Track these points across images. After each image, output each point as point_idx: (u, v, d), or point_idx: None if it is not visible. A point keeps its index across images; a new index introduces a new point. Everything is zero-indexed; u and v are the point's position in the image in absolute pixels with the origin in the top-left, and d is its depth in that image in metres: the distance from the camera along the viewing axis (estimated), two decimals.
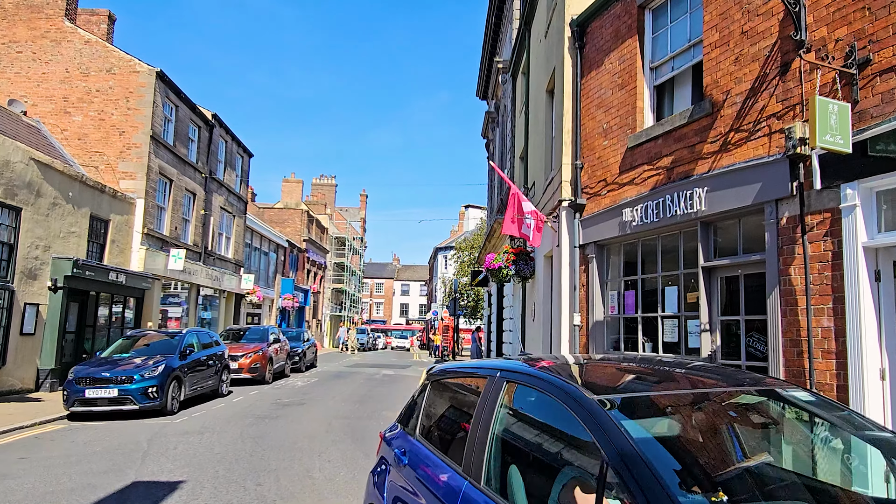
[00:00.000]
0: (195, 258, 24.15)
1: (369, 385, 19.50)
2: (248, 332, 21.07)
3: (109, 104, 20.23)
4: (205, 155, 25.09)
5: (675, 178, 7.95)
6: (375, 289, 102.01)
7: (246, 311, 33.79)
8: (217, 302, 27.46)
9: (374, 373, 25.04)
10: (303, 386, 18.68)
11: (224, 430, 10.78)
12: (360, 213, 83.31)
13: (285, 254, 40.95)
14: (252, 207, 43.90)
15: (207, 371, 14.68)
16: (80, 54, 20.53)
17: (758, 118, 6.77)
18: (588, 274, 9.77)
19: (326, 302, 54.41)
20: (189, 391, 13.54)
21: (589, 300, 9.70)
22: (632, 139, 8.85)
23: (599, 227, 9.47)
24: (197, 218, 24.34)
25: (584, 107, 10.20)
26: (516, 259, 13.23)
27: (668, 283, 8.28)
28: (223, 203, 27.13)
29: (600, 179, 9.64)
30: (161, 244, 21.07)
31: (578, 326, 9.82)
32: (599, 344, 9.47)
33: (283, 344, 21.66)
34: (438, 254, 63.37)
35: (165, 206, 21.75)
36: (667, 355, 8.21)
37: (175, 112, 22.19)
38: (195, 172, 23.99)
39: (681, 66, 8.43)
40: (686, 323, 7.89)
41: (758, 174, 6.62)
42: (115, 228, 18.55)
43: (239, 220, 29.51)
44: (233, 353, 18.26)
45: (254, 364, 18.44)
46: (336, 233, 57.90)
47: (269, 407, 13.79)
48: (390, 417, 12.65)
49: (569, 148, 10.44)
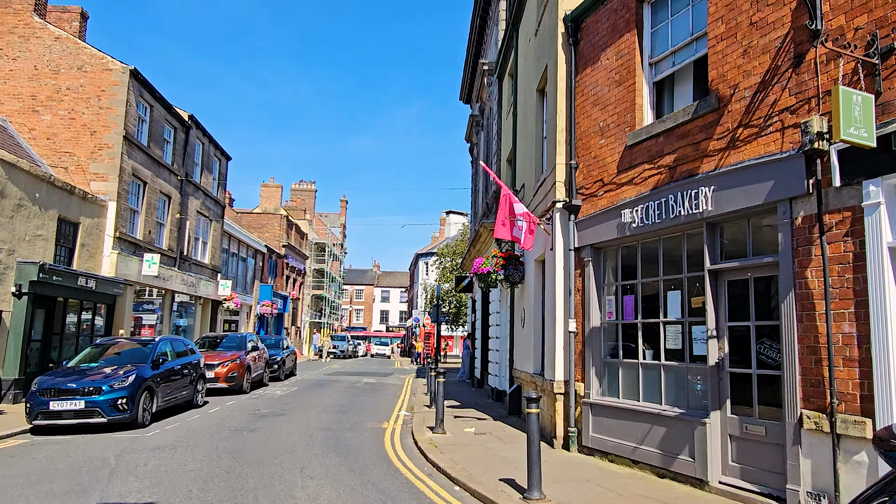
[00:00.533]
0: (170, 263, 23.36)
1: (351, 394, 18.91)
2: (225, 339, 20.37)
3: (80, 103, 19.46)
4: (181, 157, 24.34)
5: (678, 177, 7.58)
6: (355, 295, 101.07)
7: (223, 317, 32.93)
8: (193, 309, 26.65)
9: (356, 381, 24.42)
10: (282, 395, 18.03)
11: (199, 444, 10.15)
12: (340, 218, 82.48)
13: (264, 259, 40.14)
14: (230, 213, 43.02)
15: (182, 381, 14.01)
16: (49, 51, 19.75)
17: (769, 113, 6.42)
18: (584, 278, 9.36)
19: (306, 308, 53.55)
20: (162, 402, 12.86)
21: (585, 305, 9.28)
22: (631, 137, 8.48)
23: (596, 230, 9.07)
24: (172, 222, 23.57)
25: (579, 104, 9.82)
26: (505, 263, 12.81)
27: (671, 287, 7.89)
28: (200, 207, 26.37)
29: (597, 180, 9.25)
30: (134, 248, 20.30)
31: (574, 333, 9.39)
32: (596, 351, 9.05)
33: (261, 352, 20.98)
34: (420, 260, 62.84)
35: (139, 210, 20.98)
36: (670, 363, 7.82)
37: (149, 112, 21.46)
38: (170, 175, 23.24)
39: (682, 60, 8.08)
40: (690, 329, 7.50)
41: (770, 171, 6.26)
42: (84, 232, 17.78)
43: (216, 224, 28.74)
44: (209, 362, 17.56)
45: (231, 373, 17.76)
46: (316, 238, 57.11)
47: (247, 418, 13.16)
48: (373, 429, 12.11)
49: (563, 147, 10.05)
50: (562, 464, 8.40)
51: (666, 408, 7.70)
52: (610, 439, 8.50)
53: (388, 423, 12.91)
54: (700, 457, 6.96)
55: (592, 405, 8.91)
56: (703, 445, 6.92)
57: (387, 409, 15.63)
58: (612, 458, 8.45)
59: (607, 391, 8.94)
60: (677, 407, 7.59)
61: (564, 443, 9.39)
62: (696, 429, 7.03)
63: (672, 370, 7.82)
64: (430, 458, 8.96)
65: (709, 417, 6.93)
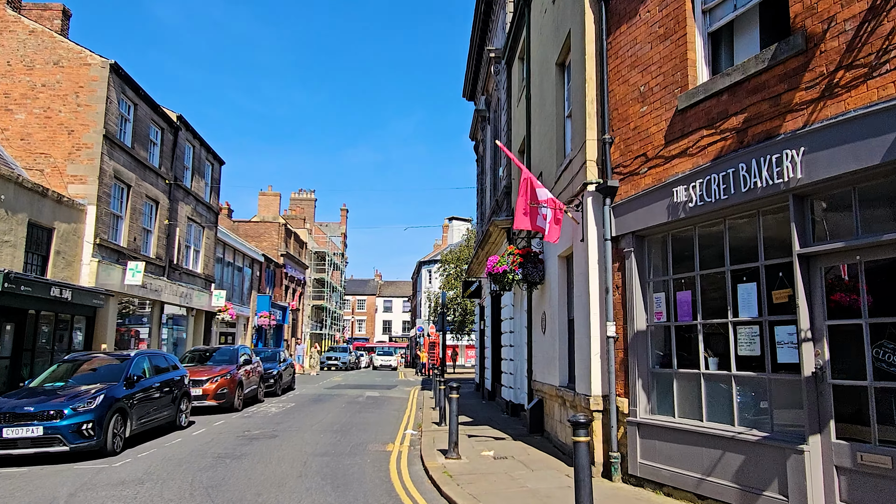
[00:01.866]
0: (158, 272, 21.90)
1: (351, 410, 17.37)
2: (216, 353, 18.84)
3: (57, 100, 18.08)
4: (169, 160, 22.93)
5: (750, 140, 6.10)
6: (357, 306, 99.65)
7: (218, 330, 31.41)
8: (185, 321, 25.14)
9: (357, 395, 22.87)
10: (276, 413, 16.50)
11: (172, 476, 8.63)
12: (340, 228, 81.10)
13: (261, 269, 38.67)
14: (226, 222, 41.63)
15: (162, 400, 12.49)
16: (23, 45, 18.39)
17: (884, 46, 4.94)
18: (624, 273, 7.86)
19: (306, 320, 52.01)
20: (137, 425, 11.35)
21: (627, 306, 7.78)
22: (683, 99, 7.00)
23: (638, 214, 7.58)
24: (160, 228, 22.12)
25: (613, 69, 8.35)
26: (523, 261, 11.31)
27: (743, 278, 6.39)
28: (191, 213, 24.93)
29: (638, 155, 7.77)
30: (117, 256, 18.84)
31: (613, 339, 7.88)
32: (642, 360, 7.54)
33: (255, 366, 19.45)
34: (422, 268, 61.32)
35: (122, 215, 19.54)
36: (744, 373, 6.29)
37: (133, 111, 20.06)
38: (158, 178, 21.81)
39: (747, 2, 6.62)
40: (773, 331, 5.99)
41: (890, 121, 4.78)
42: (60, 238, 16.32)
43: (209, 231, 27.29)
44: (196, 378, 16.04)
45: (220, 389, 16.23)
46: (316, 247, 55.68)
47: (234, 442, 11.63)
48: (377, 453, 10.57)
49: (593, 121, 8.58)
50: (606, 498, 6.87)
51: (741, 430, 6.17)
52: (665, 468, 6.96)
53: (393, 445, 11.38)
54: (797, 494, 5.43)
55: (640, 425, 7.38)
56: (801, 479, 5.39)
57: (391, 427, 14.09)
58: (670, 490, 6.91)
59: (658, 408, 7.42)
60: (758, 429, 6.06)
61: (605, 470, 7.86)
62: (790, 458, 5.50)
63: (748, 383, 6.30)
64: (446, 493, 7.43)
65: (806, 444, 5.41)
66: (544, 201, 8.93)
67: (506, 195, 16.63)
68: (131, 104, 19.93)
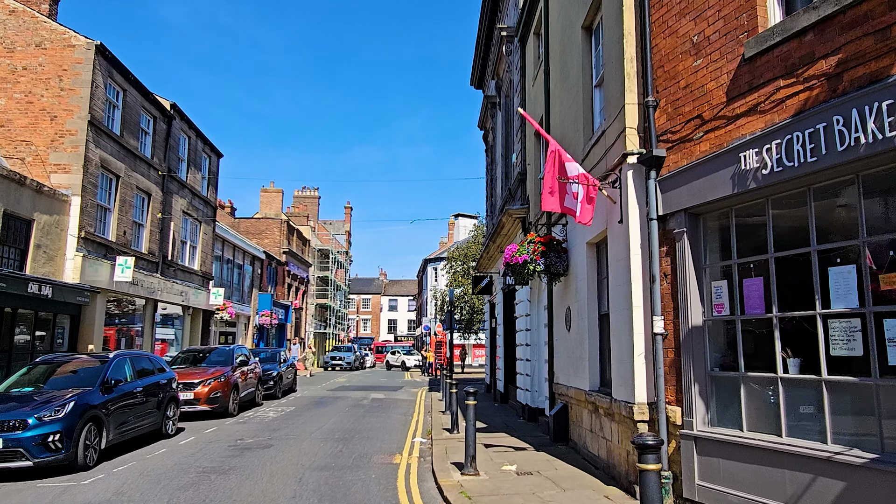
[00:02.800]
0: (151, 269, 20.75)
1: (355, 414, 16.18)
2: (211, 353, 17.66)
3: (39, 84, 16.94)
4: (162, 150, 21.78)
5: (847, 87, 4.87)
6: (362, 305, 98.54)
7: (217, 329, 30.30)
8: (181, 320, 24.00)
9: (362, 397, 21.68)
10: (275, 418, 15.32)
11: (146, 498, 7.45)
12: (344, 226, 79.93)
13: (262, 267, 37.52)
14: (227, 219, 40.54)
15: (145, 406, 11.33)
16: (3, 26, 17.26)
17: None
18: (675, 257, 6.64)
19: (310, 319, 50.86)
20: (116, 435, 10.18)
21: (678, 296, 6.55)
22: (752, 45, 5.77)
23: (693, 187, 6.36)
24: (153, 222, 20.97)
25: (657, 21, 7.12)
26: (546, 250, 10.08)
27: (836, 260, 5.16)
28: (186, 207, 23.78)
29: (691, 117, 6.54)
30: (105, 251, 17.69)
31: (662, 336, 6.65)
32: (699, 361, 6.31)
33: (252, 367, 18.28)
34: (428, 266, 60.12)
35: (111, 207, 18.39)
36: (840, 378, 5.06)
37: (122, 97, 18.91)
38: (150, 169, 20.67)
39: None
40: (879, 325, 4.76)
41: None
42: (40, 231, 15.18)
43: (206, 227, 26.14)
44: (188, 381, 14.89)
45: (213, 393, 15.05)
46: (319, 245, 54.52)
47: (223, 452, 10.45)
48: (384, 465, 9.36)
49: (633, 82, 7.35)
50: None
51: (837, 450, 4.94)
52: (732, 493, 5.73)
53: (401, 457, 10.17)
54: None
55: (698, 439, 6.15)
56: None
57: (398, 433, 12.90)
58: None
59: (719, 419, 6.19)
60: (861, 449, 4.83)
61: None
62: None
63: (845, 390, 5.07)
64: None
65: None
66: (575, 177, 7.70)
67: (520, 183, 15.40)
68: (120, 90, 18.78)
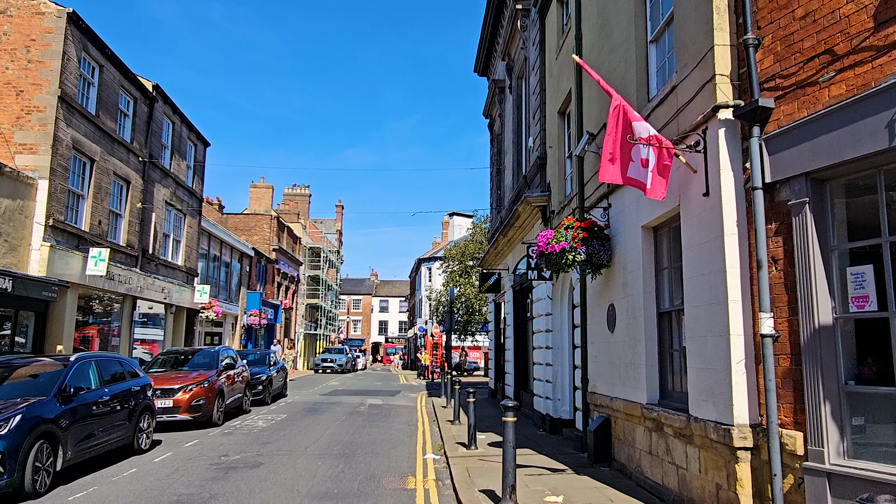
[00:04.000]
0: (130, 263, 19.04)
1: (353, 423, 14.58)
2: (195, 356, 16.00)
3: (3, 55, 15.22)
4: (143, 135, 20.07)
5: None
6: (353, 305, 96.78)
7: (203, 329, 28.56)
8: (163, 319, 22.27)
9: (357, 403, 20.08)
10: (264, 428, 13.69)
11: None
12: (335, 224, 78.19)
13: (251, 264, 35.78)
14: (215, 214, 38.74)
15: (113, 417, 9.69)
16: None
17: None
18: (790, 237, 5.13)
19: (300, 319, 49.10)
20: (75, 453, 8.55)
21: (797, 287, 5.04)
22: None
23: (819, 145, 4.85)
24: (132, 212, 19.26)
25: None
26: (588, 237, 8.55)
27: None
28: (170, 197, 22.06)
29: (815, 54, 5.04)
30: (77, 242, 15.98)
31: (772, 338, 5.14)
32: (829, 371, 4.80)
33: (240, 370, 16.64)
34: (422, 265, 58.48)
35: (84, 193, 16.68)
36: None
37: (98, 74, 17.22)
38: (129, 155, 18.96)
39: None
40: None
41: None
42: (1, 216, 13.47)
43: (191, 219, 24.42)
44: (166, 386, 13.26)
45: (195, 400, 13.41)
46: (310, 243, 52.77)
47: (205, 473, 8.83)
48: (396, 492, 7.78)
49: (723, 17, 5.85)
50: None
51: None
52: None
53: (414, 480, 8.61)
54: None
55: (832, 476, 4.64)
56: None
57: (406, 448, 11.33)
58: None
59: (860, 450, 4.68)
60: None
61: None
62: None
63: None
64: None
65: None
66: (645, 140, 6.18)
67: (539, 168, 13.89)
68: (96, 65, 17.08)
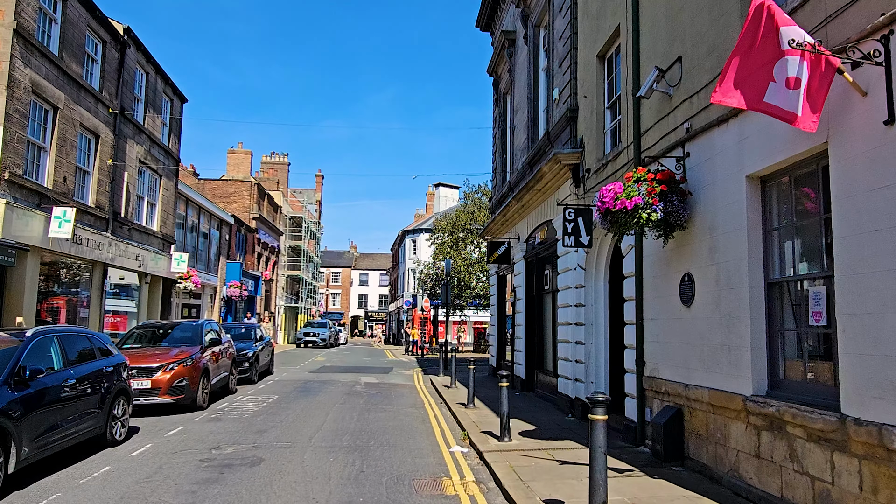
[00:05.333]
0: (100, 226, 17.13)
1: (355, 406, 13.07)
2: (175, 329, 14.28)
3: None
4: (113, 84, 17.99)
5: None
6: (332, 278, 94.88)
7: (180, 301, 26.75)
8: (136, 289, 20.40)
9: (352, 382, 18.58)
10: (256, 412, 12.12)
11: None
12: (315, 195, 75.92)
13: (231, 232, 33.79)
14: (190, 179, 36.47)
15: (81, 404, 8.04)
16: None
17: None
18: None
19: (280, 292, 47.26)
20: (34, 450, 6.90)
21: None
22: None
23: None
24: (102, 170, 17.29)
25: None
26: (667, 191, 7.04)
27: None
28: (143, 155, 20.03)
29: None
30: (38, 200, 14.05)
31: None
32: None
33: (226, 346, 14.99)
34: (406, 237, 56.75)
35: (47, 146, 14.70)
36: None
37: (61, 8, 15.10)
38: (98, 105, 16.92)
39: None
40: None
41: None
42: None
43: (167, 181, 22.42)
44: (144, 365, 11.59)
45: (178, 381, 11.75)
46: (291, 212, 50.69)
47: (194, 475, 7.25)
48: (435, 499, 6.30)
49: None
50: None
51: None
52: None
53: (450, 483, 7.14)
54: None
55: None
56: None
57: (424, 437, 9.87)
58: None
59: None
60: None
61: None
62: None
63: None
64: None
65: None
66: (795, 52, 4.64)
67: (569, 122, 12.32)
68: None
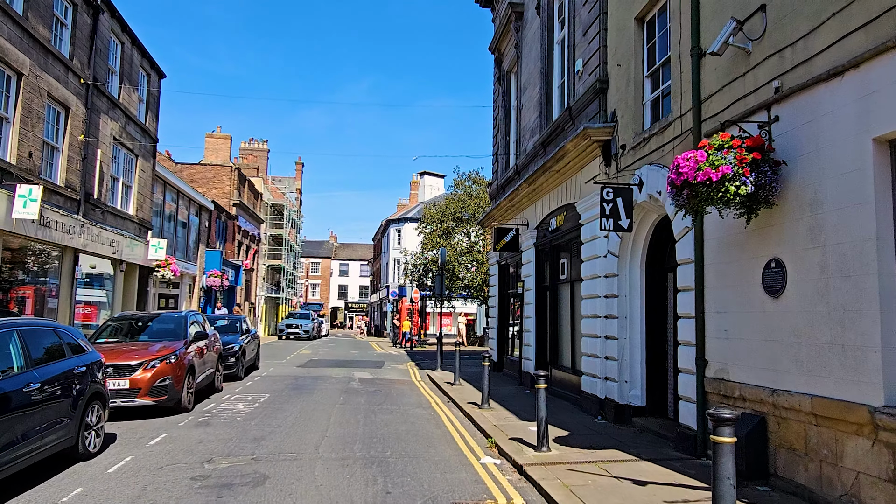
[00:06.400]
0: (71, 208, 15.59)
1: (356, 407, 11.83)
2: (154, 321, 12.88)
3: None
4: (85, 52, 16.39)
5: None
6: (311, 269, 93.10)
7: (157, 291, 25.16)
8: (109, 278, 18.85)
9: (345, 378, 17.33)
10: (249, 414, 10.82)
11: None
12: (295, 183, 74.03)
13: (211, 219, 32.15)
14: (167, 163, 34.65)
15: (48, 412, 6.71)
16: None
17: None
18: None
19: (261, 282, 45.61)
20: None
21: None
22: None
23: None
24: (73, 147, 15.72)
25: None
26: (760, 159, 5.91)
27: None
28: (118, 132, 18.44)
29: None
30: (0, 176, 12.53)
31: None
32: None
33: (212, 339, 13.62)
34: (391, 227, 55.32)
35: (9, 116, 13.14)
36: None
37: None
38: (68, 74, 15.33)
39: None
40: None
41: None
42: None
43: (144, 162, 20.82)
44: (121, 362, 10.23)
45: (160, 380, 10.40)
46: (272, 200, 48.96)
47: (184, 499, 5.97)
48: None
49: None
50: None
51: None
52: None
53: None
54: None
55: None
56: None
57: (445, 445, 8.69)
58: None
59: None
60: None
61: None
62: None
63: None
64: None
65: None
66: None
67: (598, 94, 11.18)
68: None
